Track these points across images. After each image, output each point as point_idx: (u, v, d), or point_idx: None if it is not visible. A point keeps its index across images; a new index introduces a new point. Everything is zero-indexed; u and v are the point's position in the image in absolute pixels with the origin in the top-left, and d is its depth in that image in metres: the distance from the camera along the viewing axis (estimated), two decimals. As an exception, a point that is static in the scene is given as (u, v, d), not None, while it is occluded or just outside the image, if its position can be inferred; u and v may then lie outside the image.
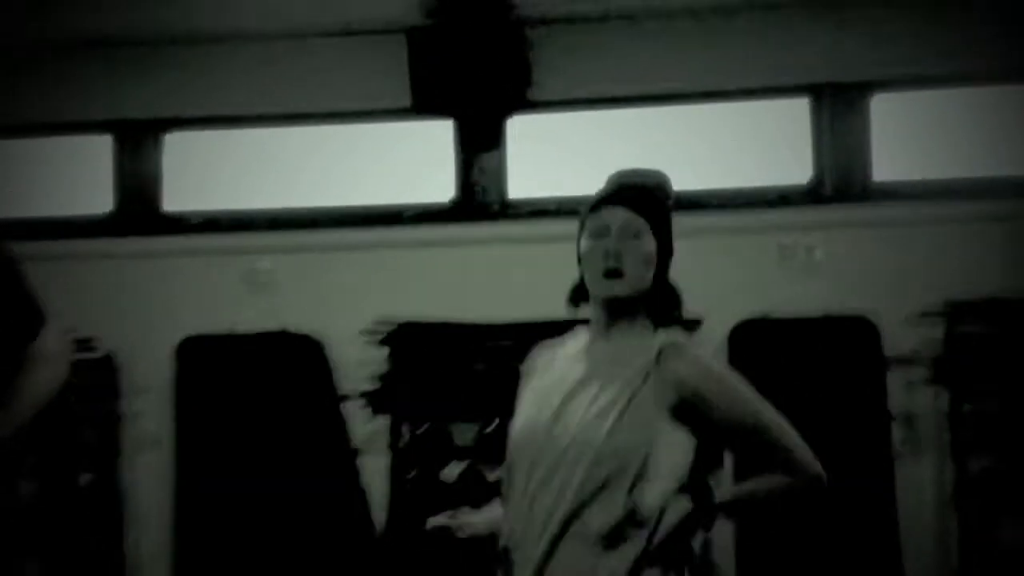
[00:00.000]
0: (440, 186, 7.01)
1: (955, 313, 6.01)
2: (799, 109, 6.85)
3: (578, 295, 3.00)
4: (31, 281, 3.91)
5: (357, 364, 6.54)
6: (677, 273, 6.59)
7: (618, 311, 2.91)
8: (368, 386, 6.48)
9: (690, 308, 5.95)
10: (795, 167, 6.88)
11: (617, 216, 2.89)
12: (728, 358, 6.12)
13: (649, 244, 2.89)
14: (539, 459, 2.83)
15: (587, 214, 2.97)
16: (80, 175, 7.53)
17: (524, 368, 3.07)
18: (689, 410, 2.82)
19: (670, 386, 2.83)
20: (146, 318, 6.83)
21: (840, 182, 6.76)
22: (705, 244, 6.34)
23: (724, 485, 2.90)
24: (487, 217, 7.02)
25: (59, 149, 7.56)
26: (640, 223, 2.89)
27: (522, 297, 6.40)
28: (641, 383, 2.83)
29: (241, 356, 6.68)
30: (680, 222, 6.74)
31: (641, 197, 2.94)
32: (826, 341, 6.22)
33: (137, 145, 7.23)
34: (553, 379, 2.95)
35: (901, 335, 6.17)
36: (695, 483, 2.86)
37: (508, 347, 6.04)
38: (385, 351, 6.45)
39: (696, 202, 6.58)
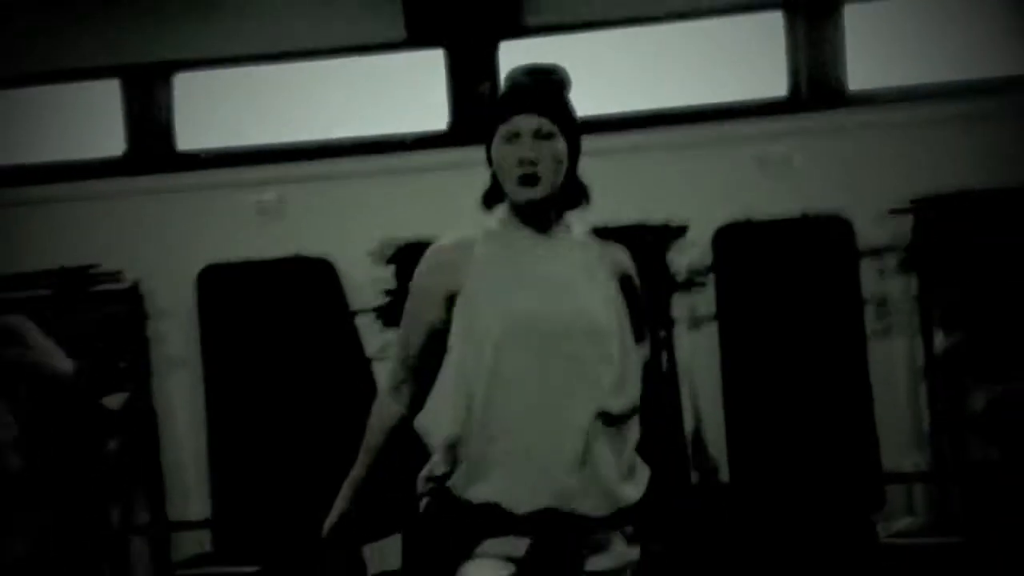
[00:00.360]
0: (436, 114, 7.15)
1: (922, 207, 6.23)
2: (774, 23, 6.98)
3: (491, 198, 2.99)
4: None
5: (366, 283, 6.67)
6: (665, 183, 6.88)
7: (534, 210, 2.91)
8: (377, 302, 6.57)
9: (677, 215, 6.35)
10: (774, 79, 7.02)
11: (528, 121, 2.87)
12: (713, 259, 6.45)
13: (560, 145, 2.88)
14: (554, 345, 2.80)
15: (496, 118, 2.92)
16: (92, 119, 7.62)
17: (436, 263, 2.94)
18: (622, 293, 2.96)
19: (612, 264, 2.94)
20: (167, 250, 7.01)
21: (815, 91, 6.93)
22: (689, 156, 6.73)
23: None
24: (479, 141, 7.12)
25: (70, 95, 7.61)
26: (550, 126, 2.87)
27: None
28: (606, 272, 2.92)
29: (258, 281, 6.84)
30: (666, 136, 7.05)
31: (549, 99, 2.91)
32: (804, 239, 6.43)
33: (147, 87, 7.35)
34: (518, 269, 2.89)
35: (874, 230, 6.37)
36: None
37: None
38: (391, 269, 6.53)
39: (680, 116, 6.87)
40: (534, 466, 2.76)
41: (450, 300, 2.89)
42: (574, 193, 2.95)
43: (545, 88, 2.92)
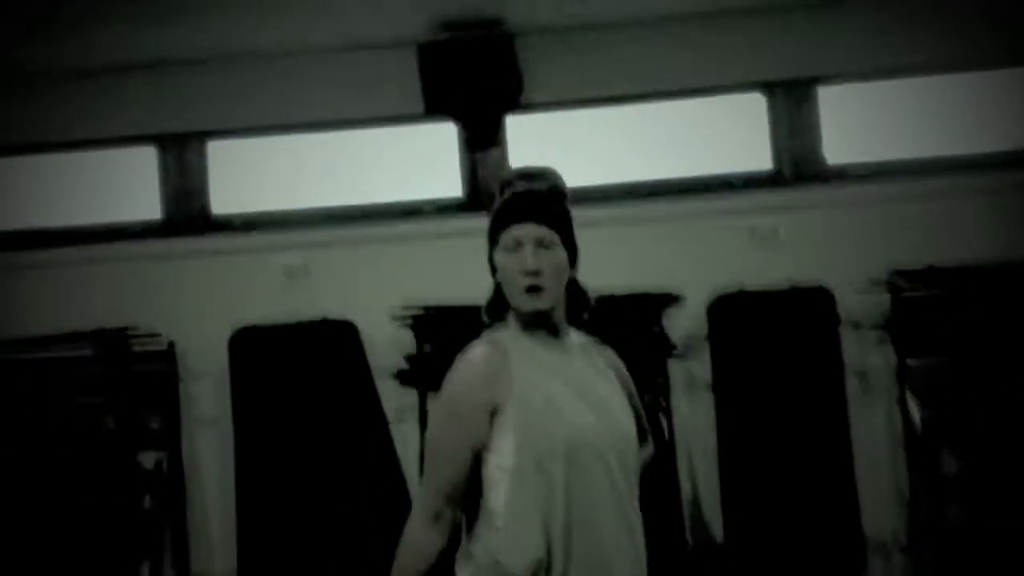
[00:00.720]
0: (450, 183, 7.42)
1: (899, 280, 6.43)
2: (757, 103, 7.24)
3: (495, 306, 2.91)
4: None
5: (388, 345, 6.80)
6: (661, 255, 7.07)
7: (540, 321, 2.85)
8: (397, 364, 6.72)
9: (672, 285, 6.61)
10: (759, 156, 7.27)
11: (528, 231, 2.81)
12: (708, 329, 6.71)
13: (561, 254, 2.83)
14: (607, 459, 2.75)
15: (497, 227, 2.86)
16: (130, 185, 7.79)
17: (471, 380, 2.79)
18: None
19: (619, 378, 2.95)
20: (200, 312, 7.14)
21: (797, 167, 7.18)
22: (681, 228, 6.94)
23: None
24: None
25: (108, 161, 7.80)
26: (551, 234, 2.82)
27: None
28: (613, 376, 2.93)
29: (286, 342, 6.95)
30: (659, 209, 7.29)
31: (548, 208, 2.85)
32: (791, 309, 6.64)
33: (182, 154, 7.56)
34: (555, 382, 2.80)
35: (855, 301, 6.58)
36: None
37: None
38: (411, 332, 6.67)
39: (670, 189, 7.10)
40: None
41: (493, 415, 2.75)
42: (578, 300, 2.91)
43: (545, 197, 2.85)
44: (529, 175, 2.91)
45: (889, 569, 6.65)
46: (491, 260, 2.87)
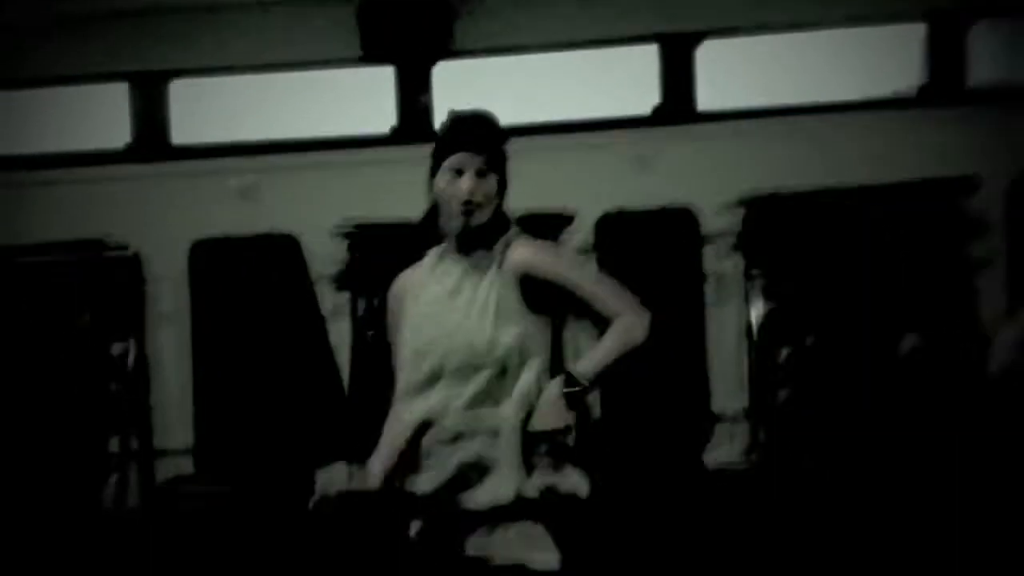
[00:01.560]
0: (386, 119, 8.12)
1: (748, 203, 7.31)
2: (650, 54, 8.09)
3: (426, 224, 3.21)
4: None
5: (326, 255, 7.42)
6: (558, 179, 7.69)
7: (469, 236, 3.12)
8: (334, 272, 7.35)
9: (567, 206, 7.45)
10: (648, 99, 8.12)
11: (469, 158, 3.07)
12: (594, 242, 7.55)
13: (493, 183, 3.10)
14: (447, 363, 3.07)
15: (442, 154, 3.14)
16: (102, 117, 8.39)
17: (395, 292, 3.28)
18: (533, 285, 3.09)
19: (511, 271, 3.10)
20: (164, 226, 7.72)
21: (676, 109, 8.05)
22: (579, 157, 7.76)
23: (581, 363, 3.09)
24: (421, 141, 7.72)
25: (83, 96, 8.39)
26: (487, 166, 3.09)
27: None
28: (497, 281, 3.11)
29: (238, 253, 7.56)
30: (560, 142, 7.89)
31: (489, 143, 3.13)
32: (663, 226, 7.50)
33: (148, 91, 8.16)
34: (435, 294, 3.14)
35: (714, 220, 7.47)
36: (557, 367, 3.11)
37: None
38: (346, 245, 7.35)
39: (572, 128, 7.95)
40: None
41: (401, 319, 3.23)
42: (501, 224, 3.16)
43: (487, 134, 3.14)
44: (475, 115, 3.18)
45: (732, 439, 7.46)
46: (430, 182, 3.14)
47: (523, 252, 3.10)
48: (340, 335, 7.48)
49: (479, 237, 3.11)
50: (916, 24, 8.04)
